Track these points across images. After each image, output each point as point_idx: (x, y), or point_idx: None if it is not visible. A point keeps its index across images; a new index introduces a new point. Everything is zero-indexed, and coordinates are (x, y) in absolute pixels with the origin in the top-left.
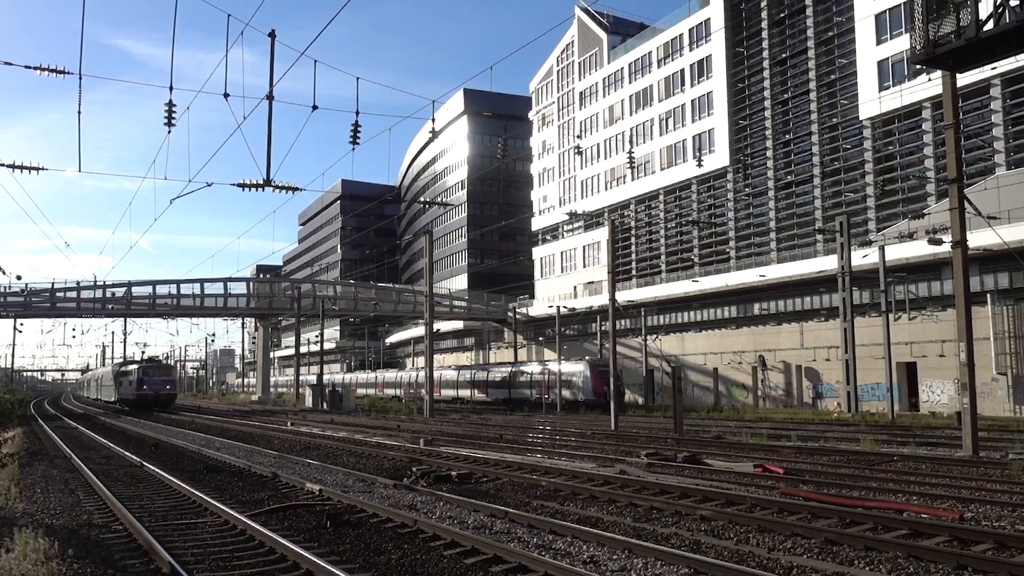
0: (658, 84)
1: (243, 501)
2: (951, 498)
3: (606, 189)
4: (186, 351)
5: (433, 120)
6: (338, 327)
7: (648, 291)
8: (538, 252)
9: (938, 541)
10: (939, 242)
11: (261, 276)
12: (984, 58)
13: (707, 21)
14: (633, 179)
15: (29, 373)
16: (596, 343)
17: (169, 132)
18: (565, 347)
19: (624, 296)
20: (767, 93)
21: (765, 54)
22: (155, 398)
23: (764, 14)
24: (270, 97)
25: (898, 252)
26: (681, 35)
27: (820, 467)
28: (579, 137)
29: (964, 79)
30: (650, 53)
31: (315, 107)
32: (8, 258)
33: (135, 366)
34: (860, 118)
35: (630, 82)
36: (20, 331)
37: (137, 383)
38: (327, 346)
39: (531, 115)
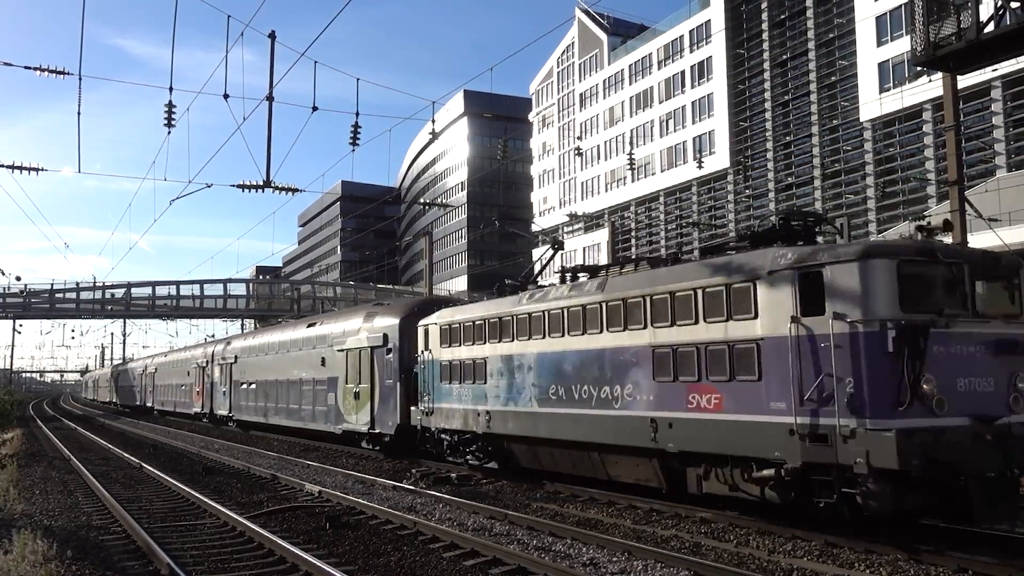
0: (658, 85)
1: (242, 503)
2: None
3: (606, 191)
4: None
5: (433, 121)
6: None
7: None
8: (538, 254)
9: (939, 542)
10: None
11: (260, 277)
12: (985, 60)
13: (707, 23)
14: (633, 181)
15: (28, 374)
16: None
17: (169, 133)
18: None
19: None
20: (767, 95)
21: (766, 56)
22: None
23: (764, 16)
24: (270, 98)
25: None
26: (681, 36)
27: None
28: (579, 139)
29: (965, 81)
30: (650, 54)
31: (315, 108)
32: (7, 259)
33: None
34: (861, 120)
35: (630, 83)
36: (19, 332)
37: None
38: None
39: (531, 116)
